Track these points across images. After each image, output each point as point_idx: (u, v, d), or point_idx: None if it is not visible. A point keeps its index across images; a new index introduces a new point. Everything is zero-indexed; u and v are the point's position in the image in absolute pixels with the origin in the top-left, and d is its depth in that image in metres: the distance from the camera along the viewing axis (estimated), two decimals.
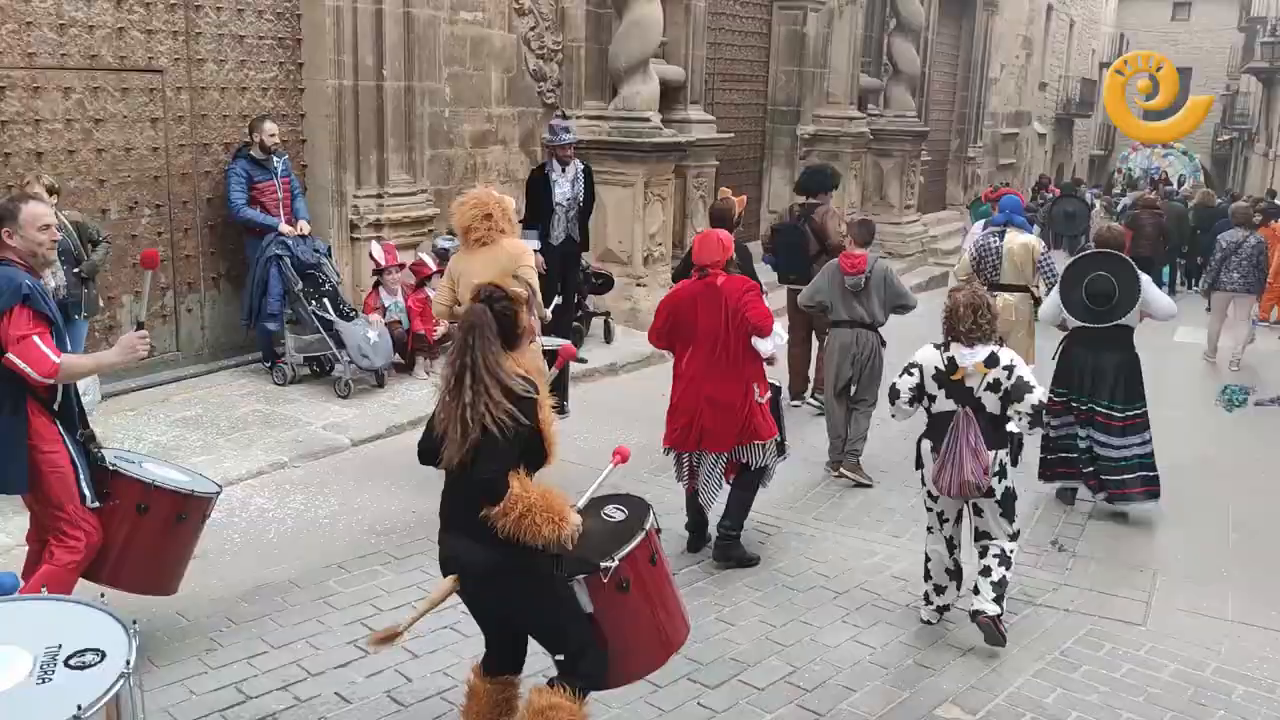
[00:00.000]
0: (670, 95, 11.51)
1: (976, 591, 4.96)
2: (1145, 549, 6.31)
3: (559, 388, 6.28)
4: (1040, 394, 4.88)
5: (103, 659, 2.67)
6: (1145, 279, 6.90)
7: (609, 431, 7.76)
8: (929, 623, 5.15)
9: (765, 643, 4.88)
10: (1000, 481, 4.89)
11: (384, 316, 8.25)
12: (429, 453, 3.49)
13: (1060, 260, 8.78)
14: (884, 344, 7.22)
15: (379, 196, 8.82)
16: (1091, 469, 6.78)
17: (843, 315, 7.13)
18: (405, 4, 8.77)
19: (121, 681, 2.57)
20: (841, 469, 7.14)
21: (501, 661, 3.62)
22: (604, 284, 10.17)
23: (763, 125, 15.19)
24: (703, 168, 11.94)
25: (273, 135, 7.86)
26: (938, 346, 4.99)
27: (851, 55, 15.58)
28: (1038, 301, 8.05)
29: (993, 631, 4.82)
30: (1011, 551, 5.03)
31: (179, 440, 6.84)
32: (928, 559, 5.19)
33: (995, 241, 8.21)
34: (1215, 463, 8.03)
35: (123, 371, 6.15)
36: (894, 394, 5.04)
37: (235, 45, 8.08)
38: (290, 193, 8.06)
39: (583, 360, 9.30)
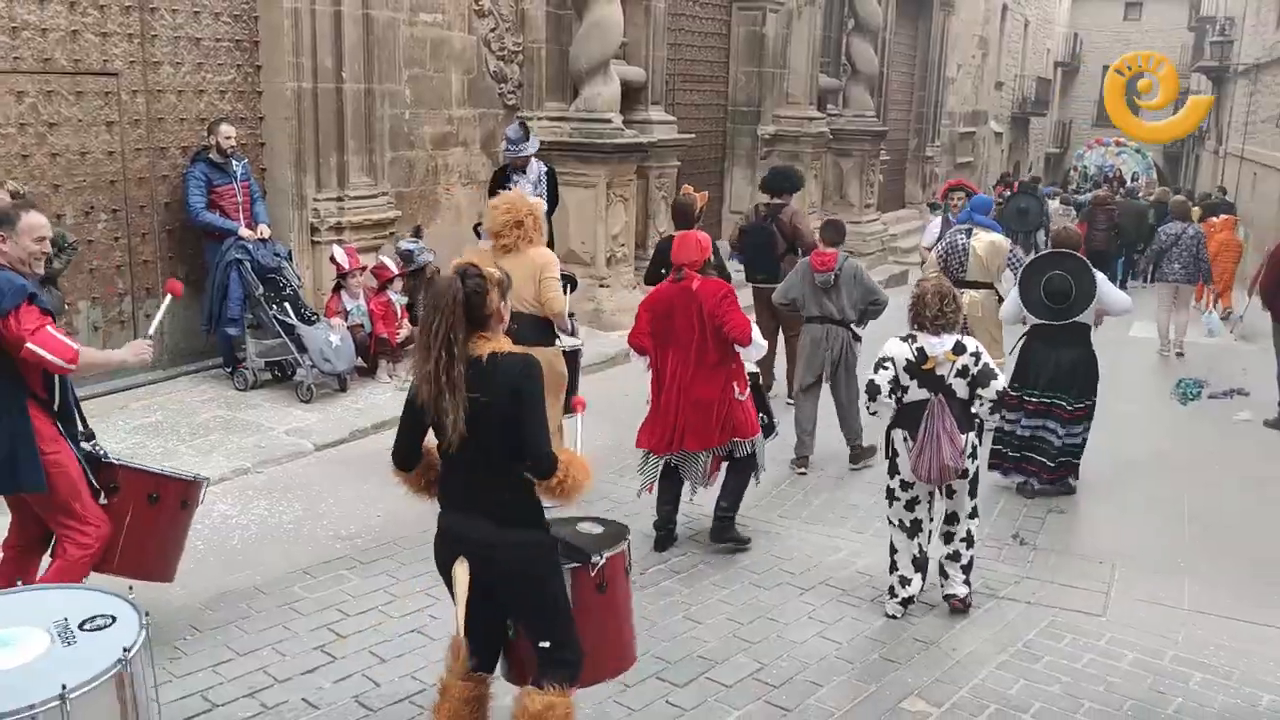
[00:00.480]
0: (631, 96, 11.54)
1: (946, 576, 5.25)
2: (1104, 541, 6.41)
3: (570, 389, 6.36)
4: (1002, 382, 5.11)
5: (114, 621, 2.82)
6: (1101, 277, 7.10)
7: (574, 430, 7.77)
8: (894, 617, 5.21)
9: (732, 640, 4.91)
10: (972, 462, 5.15)
11: (346, 320, 8.21)
12: (407, 451, 3.51)
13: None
14: (858, 339, 7.39)
15: (339, 199, 8.77)
16: (1028, 456, 7.01)
17: (814, 312, 7.30)
18: (364, 6, 8.72)
19: (144, 633, 2.75)
20: (851, 466, 7.39)
21: (479, 659, 3.63)
22: (567, 285, 10.14)
23: (723, 126, 15.24)
24: (664, 168, 11.98)
25: (230, 138, 7.79)
26: (904, 339, 5.13)
27: (810, 56, 15.68)
28: (1002, 299, 8.18)
29: (963, 608, 5.22)
30: (973, 530, 5.27)
31: (139, 447, 6.76)
32: (894, 550, 5.29)
33: (962, 239, 8.32)
34: (1171, 456, 8.17)
35: (81, 379, 6.07)
36: (874, 390, 5.11)
37: (192, 48, 8.00)
38: (250, 196, 7.99)
39: None
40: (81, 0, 7.26)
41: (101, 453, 4.34)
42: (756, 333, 5.72)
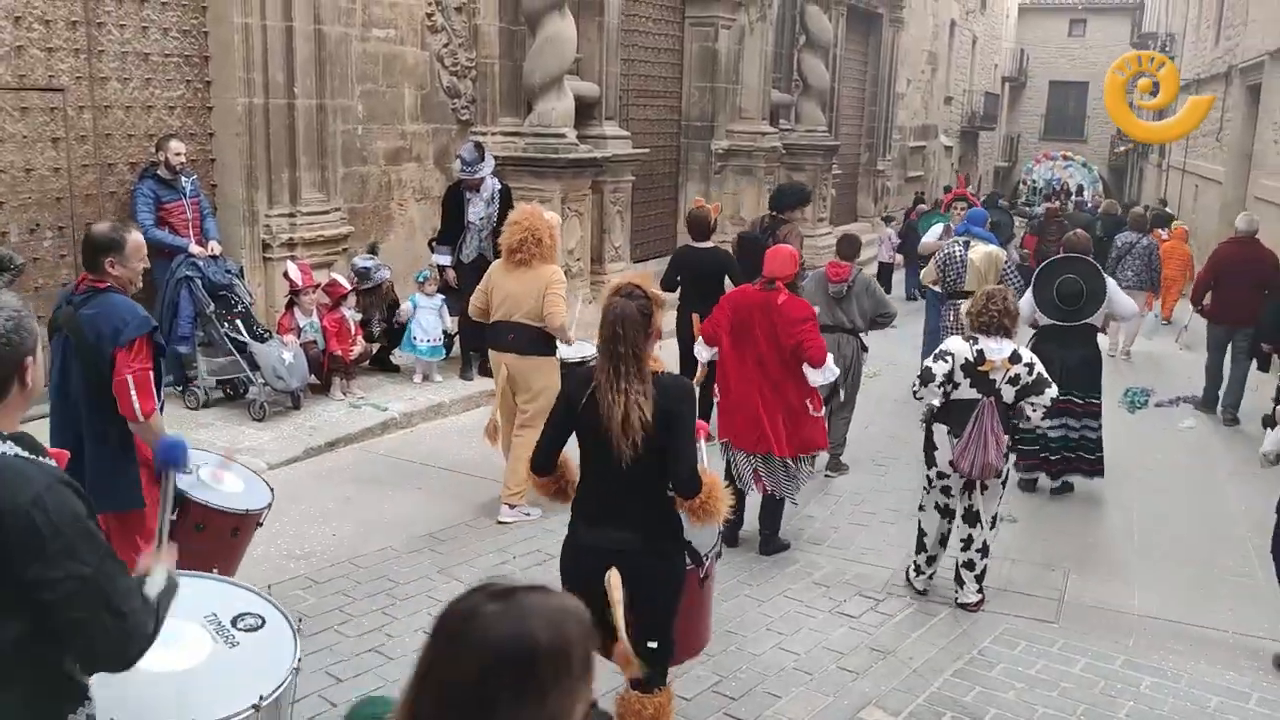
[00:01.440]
0: (585, 111, 11.56)
1: (961, 584, 5.57)
2: (1057, 548, 6.51)
3: None
4: (1055, 390, 5.46)
5: (264, 623, 2.89)
6: (1111, 282, 7.50)
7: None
8: (923, 592, 5.64)
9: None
10: (1007, 462, 5.48)
11: (299, 337, 8.13)
12: (548, 458, 3.67)
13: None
14: (865, 349, 7.65)
15: (291, 215, 8.69)
16: (1048, 453, 7.39)
17: (827, 321, 7.39)
18: (316, 21, 8.67)
19: (298, 643, 2.85)
20: (826, 471, 7.52)
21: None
22: None
23: (677, 140, 15.32)
24: (619, 183, 12.01)
25: (180, 154, 7.70)
26: (967, 339, 5.47)
27: (763, 71, 15.82)
28: None
29: (976, 609, 5.53)
30: (989, 540, 5.60)
31: None
32: (923, 533, 5.70)
33: (959, 251, 8.59)
34: (1119, 463, 8.30)
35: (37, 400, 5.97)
36: (929, 376, 5.42)
37: (140, 63, 7.91)
38: (200, 213, 7.90)
39: None
40: (27, 15, 7.15)
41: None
42: (830, 359, 5.98)
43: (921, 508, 5.74)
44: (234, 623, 2.86)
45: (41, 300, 7.41)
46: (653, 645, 3.53)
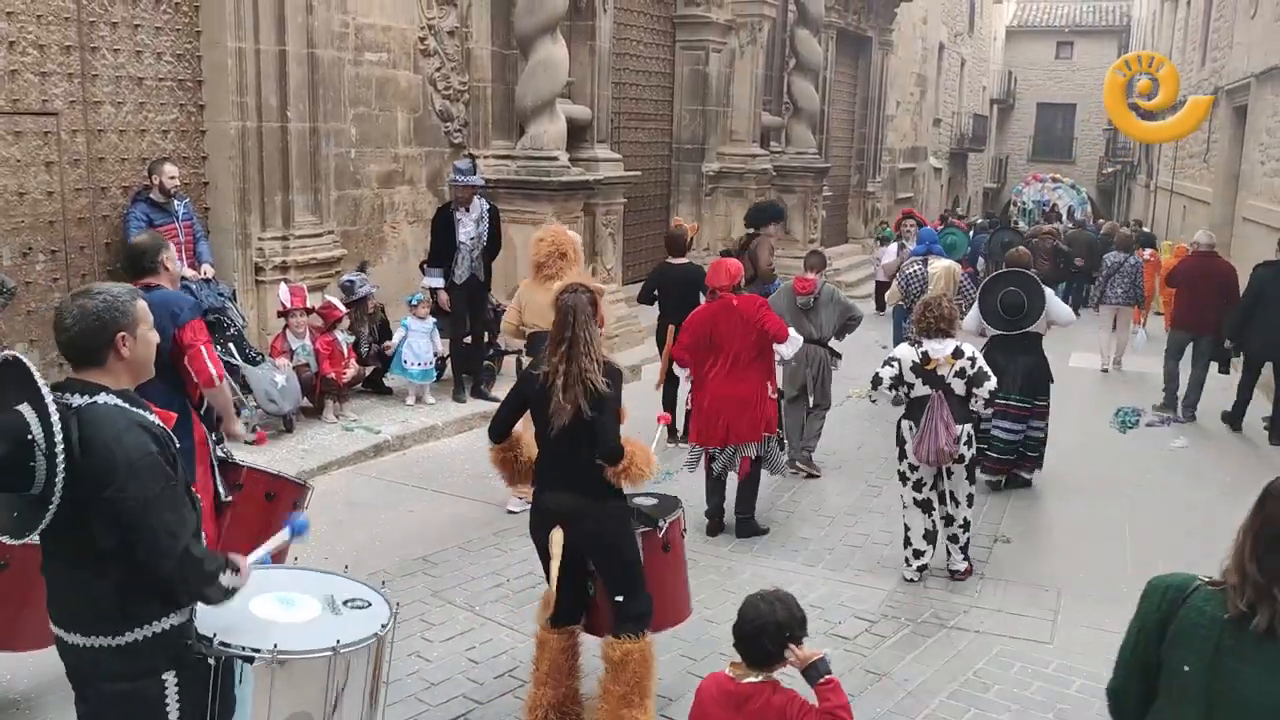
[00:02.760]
0: (577, 134, 11.61)
1: (949, 555, 6.18)
2: (1050, 569, 6.50)
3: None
4: (994, 382, 6.09)
5: (370, 605, 3.37)
6: (1049, 292, 8.06)
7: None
8: (912, 580, 6.08)
9: (686, 677, 4.89)
10: (968, 448, 6.05)
11: (291, 360, 8.12)
12: (504, 426, 4.28)
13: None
14: (837, 355, 8.22)
15: (284, 238, 8.70)
16: (995, 454, 7.85)
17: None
18: (309, 45, 8.71)
19: (394, 619, 3.33)
20: (796, 463, 8.03)
21: (566, 613, 4.29)
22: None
23: (669, 163, 15.39)
24: (611, 205, 12.05)
25: (173, 178, 7.71)
26: (912, 344, 6.14)
27: (753, 94, 15.91)
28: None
29: (964, 579, 6.15)
30: (968, 517, 6.17)
31: None
32: (907, 529, 6.19)
33: (920, 268, 9.32)
34: (1112, 483, 8.33)
35: None
36: (876, 380, 6.10)
37: (134, 87, 7.93)
38: (192, 236, 7.90)
39: (495, 399, 9.28)
40: (21, 40, 7.17)
41: (228, 454, 4.80)
42: (792, 330, 6.73)
43: (905, 505, 6.22)
44: (346, 603, 3.34)
45: (34, 324, 7.42)
46: (619, 599, 4.11)
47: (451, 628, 5.33)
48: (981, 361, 6.05)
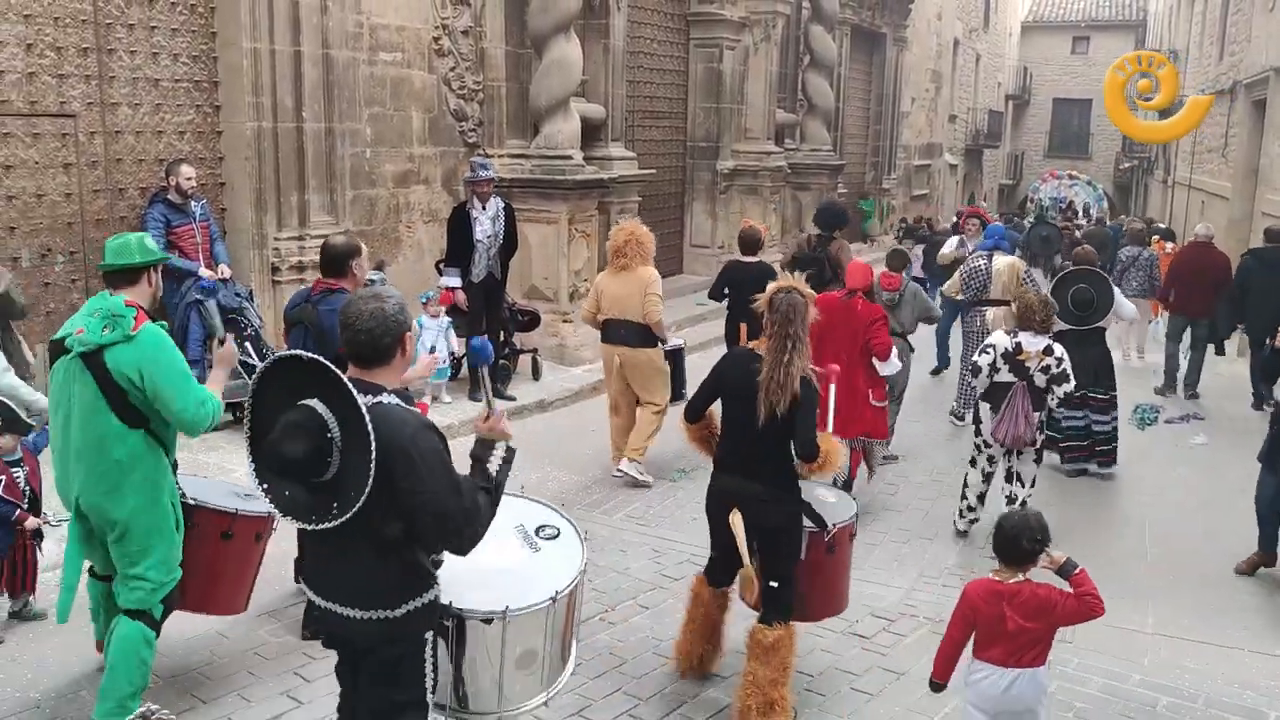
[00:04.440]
0: (591, 133, 11.61)
1: (1011, 502, 6.60)
2: None
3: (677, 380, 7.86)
4: (1072, 384, 6.54)
5: (559, 533, 3.66)
6: (1116, 290, 8.57)
7: (543, 468, 7.76)
8: (963, 533, 6.86)
9: (703, 676, 4.89)
10: (1040, 434, 6.61)
11: None
12: (701, 407, 4.62)
13: (1038, 278, 10.74)
14: (912, 349, 8.57)
15: (300, 238, 8.73)
16: (1062, 439, 8.22)
17: None
18: (324, 46, 8.74)
19: (583, 550, 3.62)
20: (883, 457, 8.22)
21: (723, 576, 4.64)
22: (530, 321, 10.18)
23: (683, 161, 15.37)
24: (625, 204, 12.04)
25: (190, 179, 7.74)
26: (1008, 333, 6.65)
27: (767, 91, 15.86)
28: None
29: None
30: (1028, 500, 6.56)
31: None
32: (966, 485, 6.90)
33: (983, 263, 9.47)
34: (1133, 480, 8.29)
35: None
36: (976, 369, 6.62)
37: (150, 89, 7.97)
38: (209, 236, 7.93)
39: (511, 398, 9.30)
40: (39, 43, 7.21)
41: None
42: (895, 354, 7.11)
43: (972, 462, 6.88)
44: (537, 532, 3.61)
45: (52, 325, 7.45)
46: (773, 585, 4.36)
47: None
48: (1068, 364, 6.46)
